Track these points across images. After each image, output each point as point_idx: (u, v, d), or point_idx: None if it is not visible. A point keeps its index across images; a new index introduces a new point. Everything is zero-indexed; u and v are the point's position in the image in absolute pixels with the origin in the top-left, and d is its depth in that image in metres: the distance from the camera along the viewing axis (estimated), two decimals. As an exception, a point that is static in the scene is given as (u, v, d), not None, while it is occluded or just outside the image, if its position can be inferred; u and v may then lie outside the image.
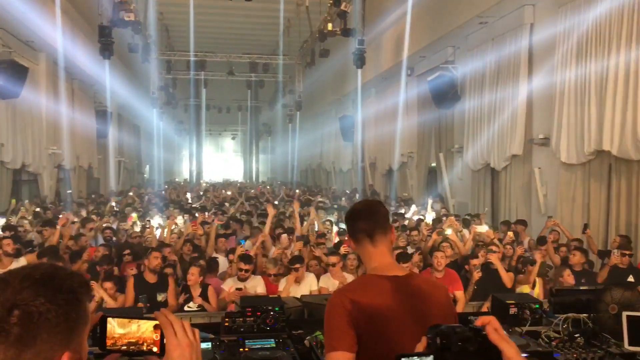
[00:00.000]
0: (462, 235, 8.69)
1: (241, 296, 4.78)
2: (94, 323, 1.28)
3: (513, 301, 4.11)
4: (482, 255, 6.52)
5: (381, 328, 2.00)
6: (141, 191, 20.54)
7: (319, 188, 25.03)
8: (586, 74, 8.40)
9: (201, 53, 24.44)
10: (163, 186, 24.46)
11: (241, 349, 3.44)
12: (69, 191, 15.80)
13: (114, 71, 17.96)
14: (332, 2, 15.91)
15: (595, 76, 8.20)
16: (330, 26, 16.64)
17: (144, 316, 1.49)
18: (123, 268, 6.96)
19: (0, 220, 9.89)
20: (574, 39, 8.68)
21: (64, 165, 16.27)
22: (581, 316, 3.72)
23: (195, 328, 1.31)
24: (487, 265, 6.33)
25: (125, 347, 1.32)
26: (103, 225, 9.77)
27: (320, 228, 9.73)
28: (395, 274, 2.15)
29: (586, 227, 7.92)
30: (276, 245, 7.96)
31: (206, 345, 3.38)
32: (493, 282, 6.01)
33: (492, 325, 1.19)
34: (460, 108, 12.94)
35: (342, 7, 15.34)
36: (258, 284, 5.82)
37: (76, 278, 1.17)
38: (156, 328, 1.31)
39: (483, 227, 8.79)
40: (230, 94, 33.57)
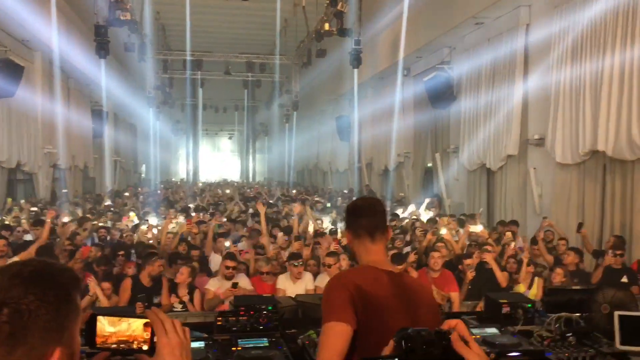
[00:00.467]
0: (458, 234, 8.71)
1: (235, 295, 4.78)
2: (84, 321, 1.27)
3: (506, 300, 4.12)
4: (477, 255, 6.53)
5: (377, 317, 2.01)
6: (137, 191, 20.50)
7: (316, 188, 25.02)
8: (581, 75, 8.42)
9: (198, 52, 24.35)
10: (159, 186, 24.39)
11: (234, 348, 3.41)
12: (65, 190, 15.74)
13: (110, 70, 17.93)
14: (329, 2, 15.89)
15: (590, 77, 8.21)
16: (326, 26, 16.60)
17: (134, 314, 1.49)
18: (122, 267, 6.92)
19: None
20: (569, 40, 8.69)
21: (60, 164, 16.23)
22: (573, 316, 3.73)
23: (185, 327, 1.32)
24: (482, 264, 6.35)
25: (115, 346, 1.31)
26: (99, 224, 9.75)
27: (314, 227, 9.71)
28: (390, 270, 2.20)
29: (581, 226, 7.86)
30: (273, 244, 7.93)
31: (199, 344, 3.36)
32: (487, 282, 6.03)
33: (458, 330, 1.18)
34: (456, 108, 12.96)
35: (339, 7, 15.31)
36: (242, 281, 5.73)
37: (66, 273, 1.16)
38: (146, 326, 1.31)
39: (478, 227, 8.81)
40: (227, 94, 33.56)
